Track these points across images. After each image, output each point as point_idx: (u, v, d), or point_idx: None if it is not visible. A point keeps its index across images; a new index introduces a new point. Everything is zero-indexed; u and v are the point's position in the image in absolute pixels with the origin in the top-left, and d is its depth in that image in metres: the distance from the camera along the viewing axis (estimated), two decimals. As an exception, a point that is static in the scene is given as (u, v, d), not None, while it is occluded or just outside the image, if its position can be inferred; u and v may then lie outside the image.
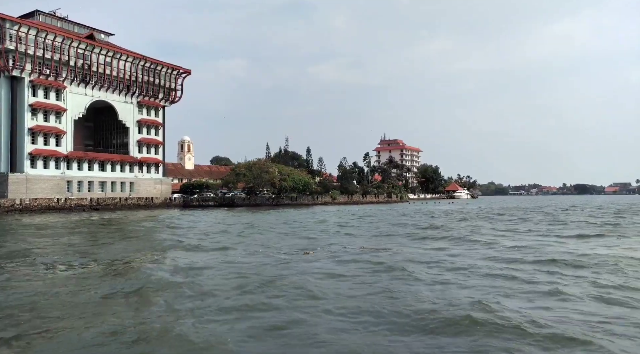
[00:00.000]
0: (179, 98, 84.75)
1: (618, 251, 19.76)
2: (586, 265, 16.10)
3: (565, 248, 21.32)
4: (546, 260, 17.24)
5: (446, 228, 33.50)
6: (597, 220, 41.35)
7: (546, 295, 11.69)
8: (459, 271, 15.05)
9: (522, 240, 25.01)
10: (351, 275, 14.27)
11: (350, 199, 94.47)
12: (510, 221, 40.93)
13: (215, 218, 46.17)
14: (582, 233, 29.02)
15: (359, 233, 29.10)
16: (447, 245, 22.75)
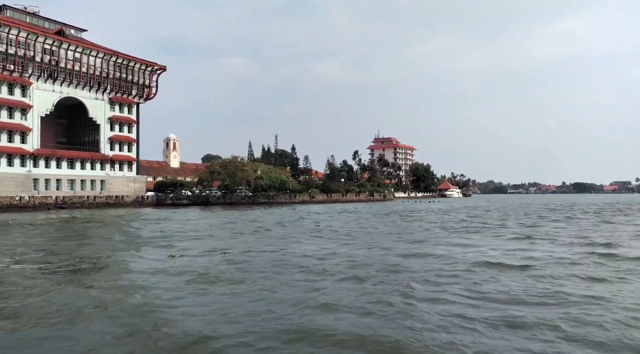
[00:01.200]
0: (154, 95, 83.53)
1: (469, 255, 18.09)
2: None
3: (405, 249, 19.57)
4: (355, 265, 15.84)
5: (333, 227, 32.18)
6: (528, 220, 40.08)
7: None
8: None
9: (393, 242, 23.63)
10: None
11: (330, 198, 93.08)
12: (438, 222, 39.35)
13: (185, 217, 44.92)
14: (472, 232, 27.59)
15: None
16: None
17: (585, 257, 17.41)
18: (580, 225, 34.70)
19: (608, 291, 11.74)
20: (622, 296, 11.15)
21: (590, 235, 25.72)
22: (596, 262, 16.37)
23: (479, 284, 12.42)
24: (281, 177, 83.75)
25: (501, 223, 37.39)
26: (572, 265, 15.67)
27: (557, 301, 10.53)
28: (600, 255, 17.83)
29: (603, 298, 10.81)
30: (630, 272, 14.40)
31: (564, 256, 17.75)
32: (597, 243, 22.06)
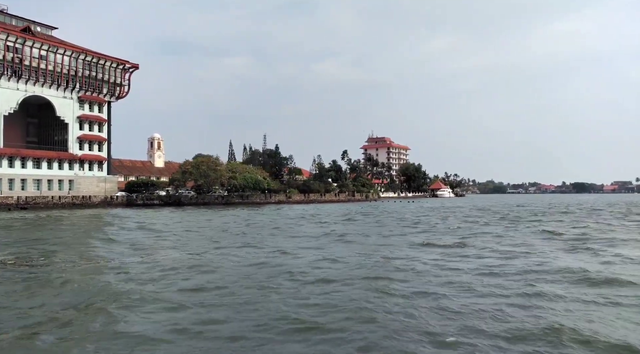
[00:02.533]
0: (126, 94, 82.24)
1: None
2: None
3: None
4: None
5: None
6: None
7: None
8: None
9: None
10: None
11: (308, 198, 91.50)
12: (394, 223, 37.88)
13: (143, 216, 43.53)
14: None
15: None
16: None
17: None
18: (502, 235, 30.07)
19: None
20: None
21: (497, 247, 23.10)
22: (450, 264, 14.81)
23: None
24: (255, 177, 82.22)
25: (433, 223, 35.73)
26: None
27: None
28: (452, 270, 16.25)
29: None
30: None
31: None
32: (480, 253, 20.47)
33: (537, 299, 10.42)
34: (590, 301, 10.35)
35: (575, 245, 20.32)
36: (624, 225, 33.11)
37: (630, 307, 9.82)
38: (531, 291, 11.16)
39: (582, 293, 11.08)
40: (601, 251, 18.39)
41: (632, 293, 11.08)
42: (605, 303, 10.21)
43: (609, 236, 24.37)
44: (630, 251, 18.50)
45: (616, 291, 11.34)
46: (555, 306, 9.87)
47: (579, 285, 12.07)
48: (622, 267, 14.86)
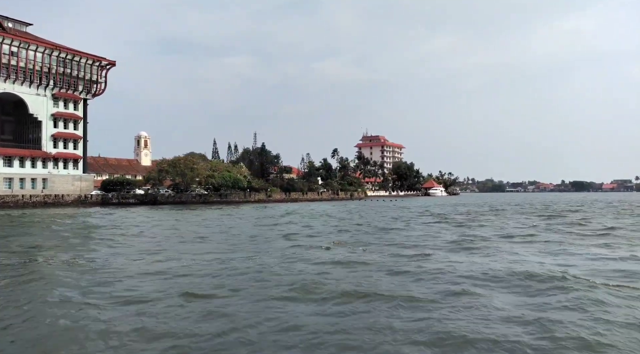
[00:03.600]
0: (103, 91, 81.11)
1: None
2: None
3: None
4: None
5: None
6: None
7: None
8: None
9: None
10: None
11: (289, 196, 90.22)
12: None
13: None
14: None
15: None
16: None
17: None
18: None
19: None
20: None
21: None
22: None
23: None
24: (234, 175, 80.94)
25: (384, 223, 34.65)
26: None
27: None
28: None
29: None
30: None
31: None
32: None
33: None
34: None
35: (453, 247, 18.94)
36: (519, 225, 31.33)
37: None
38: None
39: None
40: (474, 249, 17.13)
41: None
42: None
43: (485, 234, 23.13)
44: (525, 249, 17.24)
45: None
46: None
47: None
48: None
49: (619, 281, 11.61)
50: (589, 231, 26.33)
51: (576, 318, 8.41)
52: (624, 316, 8.49)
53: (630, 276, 12.36)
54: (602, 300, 9.56)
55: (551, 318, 8.32)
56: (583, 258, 15.87)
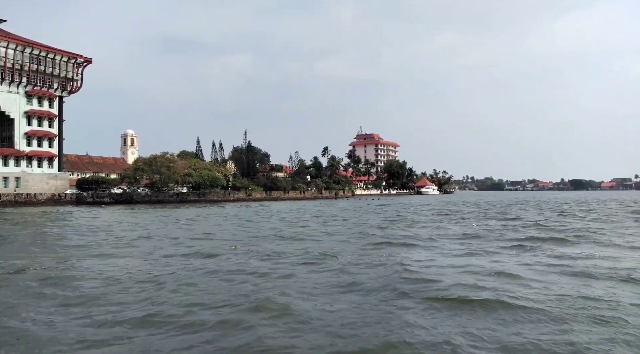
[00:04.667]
0: (79, 89, 79.96)
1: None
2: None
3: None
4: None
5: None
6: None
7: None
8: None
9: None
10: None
11: (269, 195, 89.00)
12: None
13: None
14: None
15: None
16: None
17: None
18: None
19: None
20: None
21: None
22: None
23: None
24: (212, 174, 79.78)
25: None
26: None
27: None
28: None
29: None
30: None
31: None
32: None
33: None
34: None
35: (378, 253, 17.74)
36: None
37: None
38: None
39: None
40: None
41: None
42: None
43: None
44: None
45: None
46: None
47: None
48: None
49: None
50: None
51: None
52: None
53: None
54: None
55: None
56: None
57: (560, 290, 10.27)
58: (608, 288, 10.57)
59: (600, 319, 8.09)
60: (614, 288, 10.52)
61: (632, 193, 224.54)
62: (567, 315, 8.32)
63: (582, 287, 10.58)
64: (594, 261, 14.45)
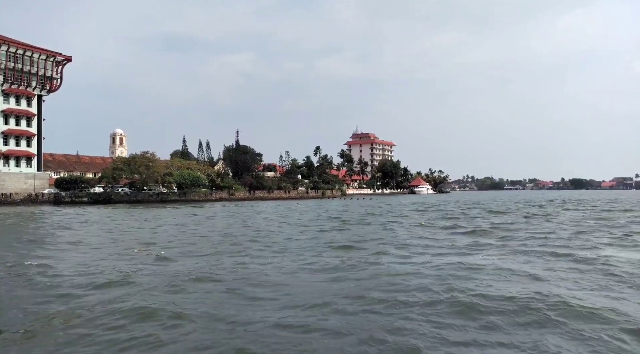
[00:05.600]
0: (58, 87, 79.08)
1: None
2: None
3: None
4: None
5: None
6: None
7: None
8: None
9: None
10: None
11: (253, 195, 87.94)
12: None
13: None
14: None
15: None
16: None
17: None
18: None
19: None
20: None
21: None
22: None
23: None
24: (193, 174, 78.77)
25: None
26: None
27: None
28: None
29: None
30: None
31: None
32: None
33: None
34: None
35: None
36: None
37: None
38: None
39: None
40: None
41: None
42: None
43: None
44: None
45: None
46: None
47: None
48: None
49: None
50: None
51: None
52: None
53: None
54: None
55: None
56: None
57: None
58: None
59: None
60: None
61: (630, 192, 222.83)
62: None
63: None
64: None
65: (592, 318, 8.15)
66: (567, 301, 9.10)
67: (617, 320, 8.03)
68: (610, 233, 23.22)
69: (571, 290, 10.31)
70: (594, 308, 8.64)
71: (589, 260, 14.33)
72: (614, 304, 9.08)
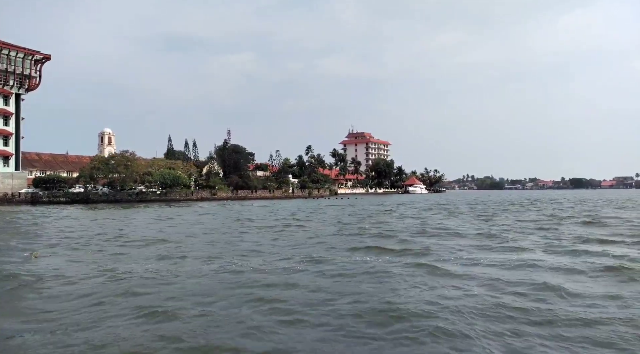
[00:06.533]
0: (37, 86, 78.23)
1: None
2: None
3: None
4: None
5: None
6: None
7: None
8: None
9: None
10: None
11: (236, 194, 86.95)
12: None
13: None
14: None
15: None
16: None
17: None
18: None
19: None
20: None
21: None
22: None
23: None
24: (174, 173, 77.83)
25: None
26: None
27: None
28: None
29: None
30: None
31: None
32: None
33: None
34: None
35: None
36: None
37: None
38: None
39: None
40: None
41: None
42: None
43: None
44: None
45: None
46: None
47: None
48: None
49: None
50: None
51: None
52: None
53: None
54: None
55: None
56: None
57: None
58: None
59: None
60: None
61: (631, 192, 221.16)
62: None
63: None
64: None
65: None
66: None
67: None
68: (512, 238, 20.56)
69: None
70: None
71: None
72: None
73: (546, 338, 7.08)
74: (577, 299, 9.30)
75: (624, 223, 27.77)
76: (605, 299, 9.21)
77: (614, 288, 10.30)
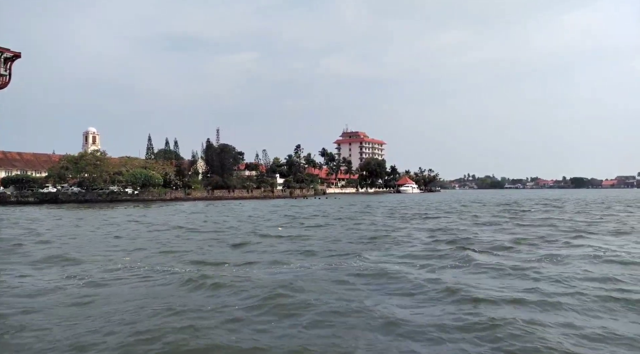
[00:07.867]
0: (7, 84, 76.65)
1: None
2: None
3: None
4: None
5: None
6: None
7: None
8: None
9: None
10: None
11: (212, 194, 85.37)
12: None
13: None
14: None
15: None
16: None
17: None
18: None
19: None
20: None
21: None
22: None
23: None
24: (146, 173, 76.32)
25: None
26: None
27: None
28: None
29: None
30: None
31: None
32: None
33: None
34: None
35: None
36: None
37: None
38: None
39: None
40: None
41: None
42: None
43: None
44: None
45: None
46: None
47: None
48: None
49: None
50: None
51: None
52: None
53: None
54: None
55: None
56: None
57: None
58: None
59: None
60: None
61: (632, 191, 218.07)
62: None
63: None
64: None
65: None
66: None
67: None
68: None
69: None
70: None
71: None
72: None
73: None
74: None
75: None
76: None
77: None
